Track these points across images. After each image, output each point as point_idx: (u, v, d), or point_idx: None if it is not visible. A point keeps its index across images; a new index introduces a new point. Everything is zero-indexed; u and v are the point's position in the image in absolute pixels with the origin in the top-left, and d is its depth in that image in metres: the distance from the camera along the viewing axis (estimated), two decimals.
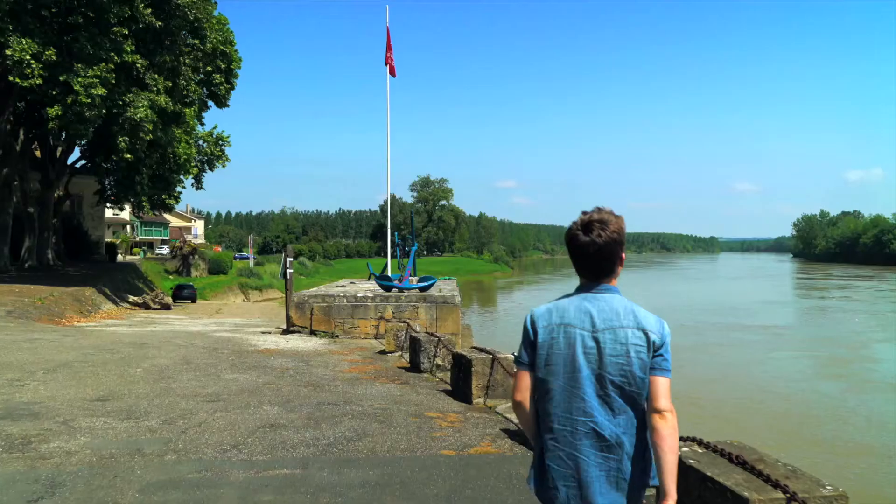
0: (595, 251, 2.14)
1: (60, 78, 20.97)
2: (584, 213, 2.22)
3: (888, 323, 37.71)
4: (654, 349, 2.09)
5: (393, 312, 13.85)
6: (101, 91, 21.10)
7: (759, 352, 27.99)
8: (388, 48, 17.26)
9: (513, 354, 2.47)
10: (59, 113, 21.21)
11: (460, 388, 7.55)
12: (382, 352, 11.64)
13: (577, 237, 2.17)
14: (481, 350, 7.72)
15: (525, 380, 2.17)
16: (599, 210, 2.21)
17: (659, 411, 2.05)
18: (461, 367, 7.56)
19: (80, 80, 20.87)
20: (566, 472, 2.08)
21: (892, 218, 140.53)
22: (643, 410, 2.09)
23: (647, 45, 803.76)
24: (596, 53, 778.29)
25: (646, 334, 2.09)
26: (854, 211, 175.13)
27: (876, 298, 54.67)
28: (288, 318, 14.25)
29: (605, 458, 2.06)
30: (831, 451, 14.01)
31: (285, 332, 14.37)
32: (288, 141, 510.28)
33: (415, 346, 9.85)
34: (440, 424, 6.07)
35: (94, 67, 21.21)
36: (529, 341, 2.17)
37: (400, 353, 11.42)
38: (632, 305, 2.17)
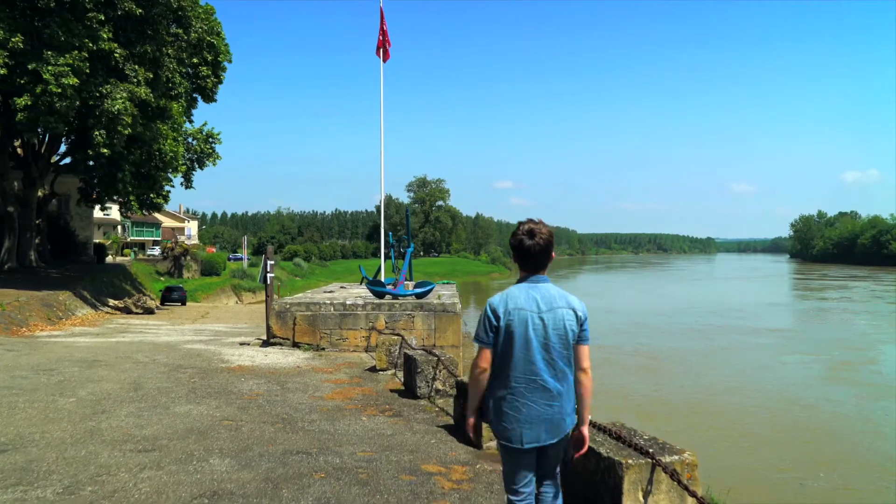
0: (537, 251, 2.90)
1: (29, 66, 19.45)
2: (522, 223, 2.96)
3: (893, 323, 37.17)
4: (580, 323, 2.90)
5: (386, 322, 12.32)
6: (73, 81, 19.58)
7: (767, 356, 27.25)
8: (382, 30, 15.68)
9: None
10: (29, 103, 19.67)
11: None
12: (373, 368, 10.13)
13: (523, 241, 2.91)
14: None
15: (488, 355, 2.89)
16: (534, 221, 2.95)
17: (584, 370, 2.92)
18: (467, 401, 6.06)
19: (49, 68, 19.34)
20: (519, 416, 2.83)
21: (890, 219, 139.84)
22: (571, 368, 2.90)
23: (646, 45, 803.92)
24: (594, 54, 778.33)
25: (575, 312, 2.90)
26: (851, 212, 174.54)
27: (872, 298, 54.25)
28: (268, 328, 12.70)
29: (550, 405, 2.84)
30: (885, 473, 12.62)
31: (265, 343, 12.83)
32: (284, 141, 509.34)
33: (410, 365, 8.35)
34: (442, 486, 4.57)
35: (66, 55, 19.69)
36: (493, 325, 2.86)
37: (393, 370, 9.92)
38: (562, 291, 2.95)
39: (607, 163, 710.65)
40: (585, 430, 2.94)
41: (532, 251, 2.87)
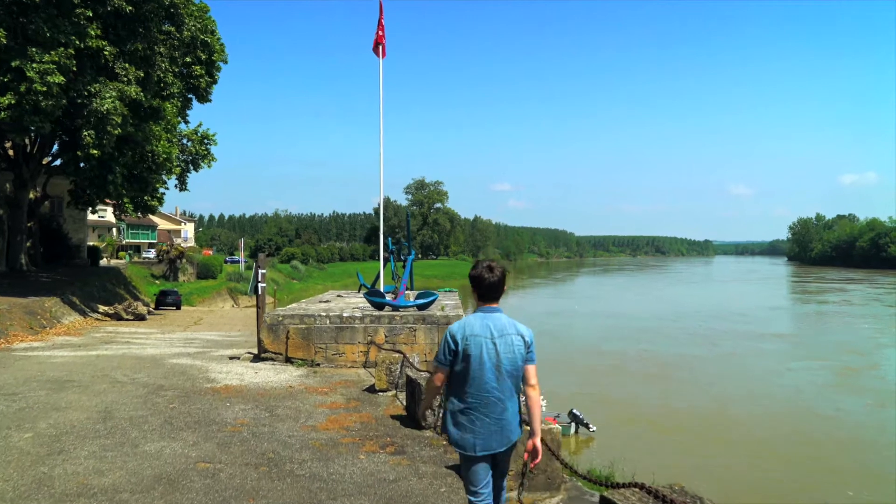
0: (494, 282, 3.37)
1: (12, 64, 18.61)
2: (480, 261, 3.48)
3: (892, 325, 36.95)
4: (527, 347, 3.34)
5: (386, 336, 11.49)
6: (59, 79, 18.73)
7: (774, 362, 26.98)
8: (380, 24, 14.92)
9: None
10: (12, 102, 18.83)
11: None
12: (371, 388, 9.31)
13: (483, 273, 3.39)
14: None
15: (443, 375, 3.34)
16: (490, 259, 3.52)
17: (532, 385, 3.36)
18: None
19: (34, 65, 18.50)
20: (474, 427, 3.24)
21: (889, 221, 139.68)
22: (519, 386, 3.35)
23: (643, 46, 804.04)
24: (593, 54, 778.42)
25: (522, 338, 3.34)
26: (850, 214, 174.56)
27: (871, 301, 54.11)
28: (259, 342, 11.86)
29: (500, 418, 3.26)
30: None
31: (256, 358, 11.99)
32: (282, 142, 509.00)
33: (413, 390, 7.53)
34: None
35: (52, 52, 18.85)
36: (451, 349, 3.28)
37: (394, 392, 9.09)
38: (511, 319, 3.38)
39: (605, 164, 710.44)
40: (538, 441, 3.35)
41: (490, 282, 3.35)
